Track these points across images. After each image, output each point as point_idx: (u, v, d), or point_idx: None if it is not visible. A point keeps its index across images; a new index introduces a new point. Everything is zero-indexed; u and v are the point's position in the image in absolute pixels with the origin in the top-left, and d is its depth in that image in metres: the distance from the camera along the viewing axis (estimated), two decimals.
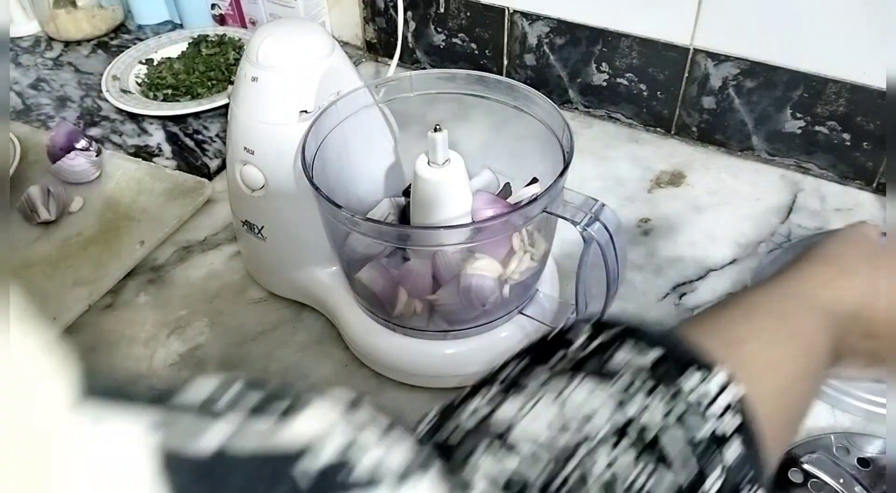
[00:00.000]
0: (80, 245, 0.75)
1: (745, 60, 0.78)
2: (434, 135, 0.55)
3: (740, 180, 0.81)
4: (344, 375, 0.64)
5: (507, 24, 0.89)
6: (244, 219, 0.66)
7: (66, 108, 0.94)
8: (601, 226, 0.51)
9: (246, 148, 0.61)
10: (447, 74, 0.63)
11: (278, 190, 0.62)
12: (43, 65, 1.03)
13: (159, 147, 0.88)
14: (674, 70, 0.82)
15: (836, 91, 0.75)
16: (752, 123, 0.81)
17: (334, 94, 0.60)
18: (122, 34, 1.09)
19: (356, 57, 1.02)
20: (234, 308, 0.70)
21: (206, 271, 0.74)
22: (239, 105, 0.61)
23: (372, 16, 0.99)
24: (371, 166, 0.67)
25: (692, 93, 0.83)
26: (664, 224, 0.77)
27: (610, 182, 0.81)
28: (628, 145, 0.86)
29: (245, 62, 0.59)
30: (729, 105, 0.81)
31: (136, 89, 0.95)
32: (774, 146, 0.82)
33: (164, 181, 0.81)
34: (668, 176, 0.82)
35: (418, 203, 0.59)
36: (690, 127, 0.85)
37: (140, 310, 0.70)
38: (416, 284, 0.59)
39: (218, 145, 0.87)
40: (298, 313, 0.69)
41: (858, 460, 0.54)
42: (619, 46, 0.84)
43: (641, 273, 0.72)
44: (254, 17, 1.03)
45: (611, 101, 0.88)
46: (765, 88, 0.78)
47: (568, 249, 0.69)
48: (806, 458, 0.55)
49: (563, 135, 0.56)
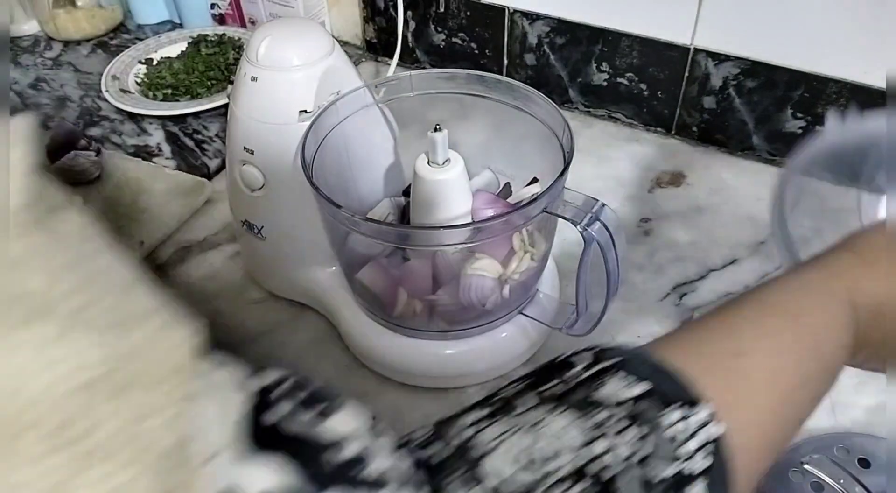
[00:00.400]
0: None
1: (745, 60, 0.78)
2: (434, 135, 0.55)
3: (741, 180, 0.81)
4: (344, 375, 0.64)
5: (508, 23, 0.89)
6: (244, 219, 0.66)
7: (66, 108, 0.94)
8: (601, 226, 0.51)
9: (246, 148, 0.61)
10: (447, 74, 0.63)
11: (278, 190, 0.62)
12: (42, 65, 1.03)
13: (159, 147, 0.87)
14: (674, 70, 0.82)
15: (837, 91, 0.75)
16: (753, 122, 0.81)
17: (334, 94, 0.60)
18: (121, 34, 1.09)
19: (356, 57, 1.02)
20: (234, 308, 0.70)
21: (205, 271, 0.74)
22: (239, 105, 0.61)
23: (372, 16, 0.99)
24: (371, 166, 0.67)
25: (692, 93, 0.83)
26: (664, 224, 0.76)
27: (610, 182, 0.81)
28: (628, 145, 0.86)
29: (245, 62, 0.59)
30: (729, 105, 0.81)
31: (135, 89, 0.95)
32: (775, 146, 0.82)
33: (164, 181, 0.81)
34: (669, 176, 0.82)
35: (418, 203, 0.59)
36: (691, 127, 0.85)
37: None
38: (416, 284, 0.59)
39: (218, 145, 0.87)
40: (298, 313, 0.69)
41: (858, 460, 0.54)
42: (619, 46, 0.84)
43: (641, 273, 0.71)
44: (254, 16, 1.02)
45: (611, 100, 0.88)
46: (765, 87, 0.78)
47: (568, 249, 0.69)
48: (806, 458, 0.55)
49: (563, 135, 0.56)
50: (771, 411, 0.33)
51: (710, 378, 0.31)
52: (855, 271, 0.39)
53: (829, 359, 0.36)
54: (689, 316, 0.68)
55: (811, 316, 0.36)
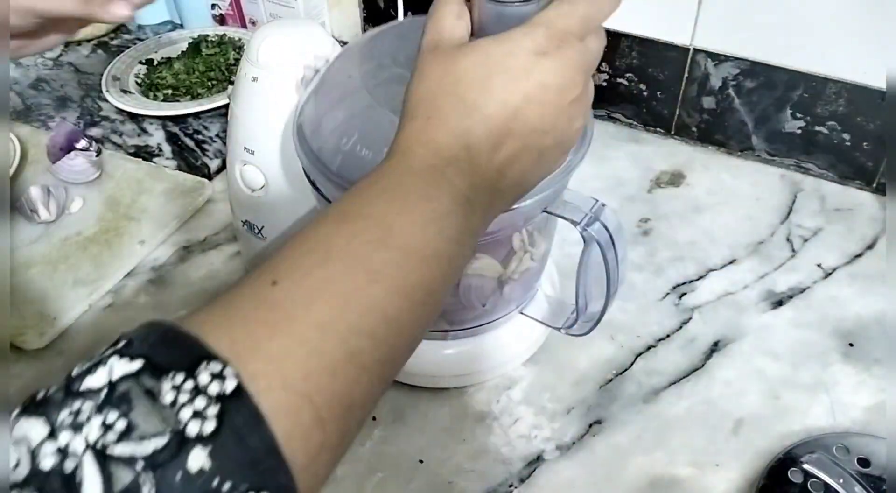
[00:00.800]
0: (80, 245, 0.75)
1: (745, 60, 0.78)
2: None
3: (740, 180, 0.81)
4: None
5: None
6: (244, 219, 0.66)
7: (66, 108, 0.94)
8: (601, 226, 0.51)
9: (246, 148, 0.61)
10: None
11: (278, 190, 0.62)
12: (43, 65, 1.03)
13: (159, 147, 0.88)
14: (674, 70, 0.82)
15: (836, 91, 0.75)
16: (752, 123, 0.81)
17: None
18: (122, 34, 1.09)
19: None
20: None
21: (206, 271, 0.74)
22: (239, 105, 0.61)
23: (372, 16, 0.99)
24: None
25: (692, 93, 0.83)
26: (664, 224, 0.77)
27: (610, 182, 0.81)
28: (628, 145, 0.86)
29: (245, 62, 0.59)
30: (729, 105, 0.82)
31: (136, 89, 0.95)
32: (774, 146, 0.82)
33: (164, 181, 0.81)
34: (668, 176, 0.82)
35: None
36: (690, 127, 0.85)
37: (140, 310, 0.70)
38: None
39: (218, 145, 0.87)
40: None
41: (858, 460, 0.54)
42: (619, 46, 0.84)
43: (641, 273, 0.72)
44: (254, 17, 1.03)
45: (611, 101, 0.88)
46: (765, 87, 0.78)
47: (568, 249, 0.69)
48: (806, 458, 0.55)
49: None
50: (318, 325, 0.29)
51: (232, 327, 0.29)
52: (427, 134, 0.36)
53: (411, 239, 0.33)
54: (688, 317, 0.68)
55: (372, 214, 0.33)
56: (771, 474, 0.55)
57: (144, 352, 0.27)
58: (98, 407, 0.25)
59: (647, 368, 0.64)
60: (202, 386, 0.26)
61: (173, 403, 0.25)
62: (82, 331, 0.68)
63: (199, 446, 0.25)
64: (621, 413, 0.61)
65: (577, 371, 0.64)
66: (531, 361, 0.65)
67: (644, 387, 0.63)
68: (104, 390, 0.26)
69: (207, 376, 0.26)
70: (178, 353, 0.27)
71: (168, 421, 0.25)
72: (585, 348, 0.65)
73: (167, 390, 0.26)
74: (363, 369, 0.30)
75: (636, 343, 0.66)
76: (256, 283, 0.31)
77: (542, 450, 0.59)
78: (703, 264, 0.72)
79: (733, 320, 0.68)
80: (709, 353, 0.65)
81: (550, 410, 0.61)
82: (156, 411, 0.25)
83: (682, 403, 0.62)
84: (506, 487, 0.57)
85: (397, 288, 0.32)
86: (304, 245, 0.32)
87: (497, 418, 0.61)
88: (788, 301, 0.69)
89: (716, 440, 0.59)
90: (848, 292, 0.70)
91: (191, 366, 0.26)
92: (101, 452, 0.24)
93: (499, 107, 0.36)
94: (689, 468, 0.58)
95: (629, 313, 0.68)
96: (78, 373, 0.27)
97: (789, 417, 0.60)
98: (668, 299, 0.69)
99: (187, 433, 0.25)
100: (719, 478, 0.57)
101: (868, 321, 0.67)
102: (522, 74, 0.36)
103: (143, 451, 0.25)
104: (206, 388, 0.26)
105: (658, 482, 0.57)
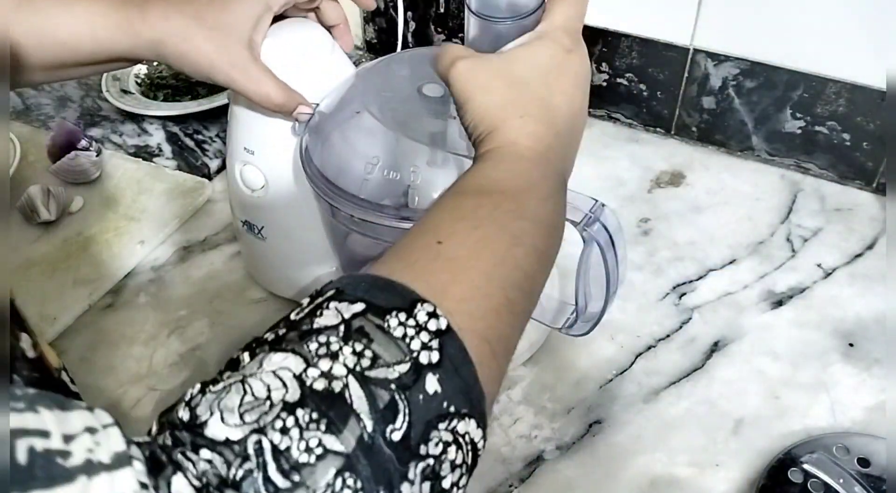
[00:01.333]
0: (80, 245, 0.75)
1: (745, 60, 0.78)
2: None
3: (740, 180, 0.81)
4: None
5: None
6: (244, 219, 0.66)
7: (67, 108, 0.94)
8: (601, 226, 0.51)
9: (246, 148, 0.61)
10: None
11: (278, 190, 0.62)
12: None
13: (159, 147, 0.88)
14: (674, 70, 0.82)
15: (836, 91, 0.75)
16: (752, 123, 0.81)
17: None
18: None
19: (356, 57, 1.02)
20: (234, 308, 0.70)
21: (206, 271, 0.74)
22: (239, 105, 0.61)
23: (372, 16, 0.99)
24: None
25: (692, 93, 0.83)
26: (664, 224, 0.77)
27: (610, 182, 0.81)
28: (628, 145, 0.86)
29: None
30: (729, 105, 0.82)
31: (136, 89, 0.95)
32: (774, 146, 0.82)
33: (164, 181, 0.81)
34: (668, 176, 0.82)
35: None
36: (690, 127, 0.85)
37: (140, 310, 0.70)
38: None
39: (218, 145, 0.87)
40: None
41: (858, 460, 0.54)
42: (619, 46, 0.84)
43: (641, 273, 0.72)
44: None
45: (611, 101, 0.88)
46: (765, 88, 0.78)
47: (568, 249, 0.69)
48: (806, 458, 0.55)
49: None
50: (485, 275, 0.35)
51: (421, 275, 0.33)
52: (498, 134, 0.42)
53: (538, 211, 0.39)
54: (688, 317, 0.68)
55: (506, 190, 0.39)
56: (771, 474, 0.55)
57: (361, 296, 0.31)
58: (343, 339, 0.29)
59: (647, 368, 0.64)
60: (422, 323, 0.30)
61: (403, 336, 0.30)
62: (82, 331, 0.68)
63: (430, 373, 0.29)
64: (621, 413, 0.61)
65: (577, 371, 0.64)
66: (531, 361, 0.65)
67: (644, 387, 0.63)
68: (341, 326, 0.30)
69: (425, 315, 0.30)
70: (392, 296, 0.31)
71: (404, 351, 0.29)
72: (585, 348, 0.65)
73: (395, 325, 0.30)
74: (515, 316, 0.36)
75: (636, 343, 0.66)
76: (422, 242, 0.36)
77: (543, 450, 0.59)
78: (702, 264, 0.72)
79: (733, 320, 0.68)
80: (709, 353, 0.65)
81: (550, 410, 0.61)
82: (392, 342, 0.29)
83: (682, 403, 0.62)
84: (506, 487, 0.57)
85: (532, 251, 0.37)
86: (454, 213, 0.38)
87: (497, 418, 0.61)
88: (788, 301, 0.69)
89: (716, 439, 0.59)
90: (848, 292, 0.70)
91: (409, 307, 0.31)
92: (361, 375, 0.28)
93: (562, 98, 0.44)
94: (689, 468, 0.58)
95: (629, 313, 0.68)
96: (300, 317, 0.31)
97: (789, 417, 0.60)
98: (667, 299, 0.69)
99: (420, 361, 0.29)
100: (719, 478, 0.57)
101: (868, 321, 0.67)
102: (565, 69, 0.44)
103: (393, 375, 0.29)
104: (426, 324, 0.30)
105: (658, 482, 0.57)
